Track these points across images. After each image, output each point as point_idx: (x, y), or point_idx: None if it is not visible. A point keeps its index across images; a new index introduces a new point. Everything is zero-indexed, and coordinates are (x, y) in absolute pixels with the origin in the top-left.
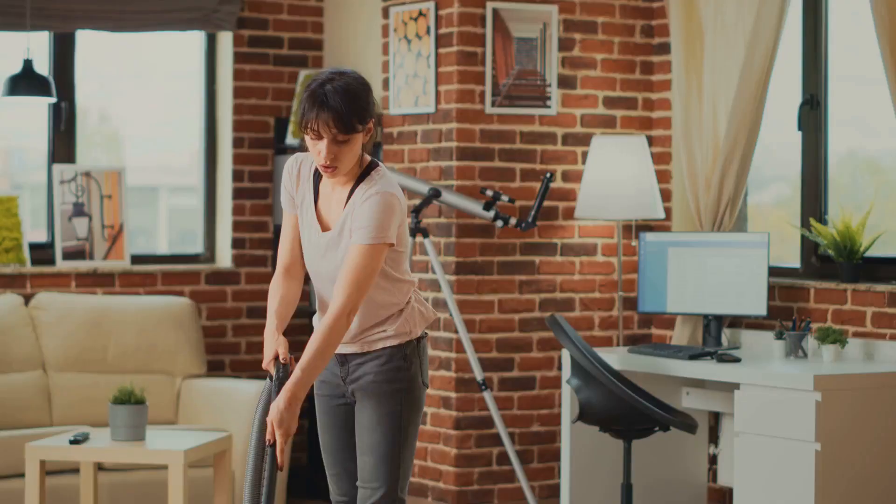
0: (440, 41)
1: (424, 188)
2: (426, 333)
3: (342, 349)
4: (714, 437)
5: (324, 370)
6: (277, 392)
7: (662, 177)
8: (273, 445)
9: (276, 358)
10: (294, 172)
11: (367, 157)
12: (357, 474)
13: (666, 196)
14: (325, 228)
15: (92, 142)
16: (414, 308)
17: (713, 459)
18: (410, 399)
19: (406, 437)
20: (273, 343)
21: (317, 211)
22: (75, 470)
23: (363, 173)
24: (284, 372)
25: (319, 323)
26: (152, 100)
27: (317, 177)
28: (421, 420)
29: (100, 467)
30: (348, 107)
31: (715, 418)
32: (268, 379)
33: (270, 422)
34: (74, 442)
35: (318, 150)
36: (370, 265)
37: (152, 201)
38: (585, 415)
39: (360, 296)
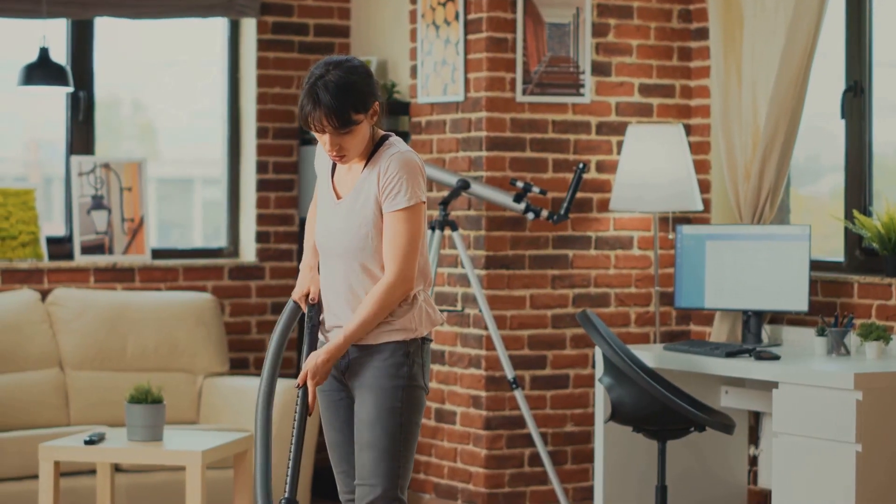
0: (469, 27)
1: (453, 179)
2: (431, 338)
3: None
4: (754, 438)
5: None
6: (309, 332)
7: (701, 167)
8: (305, 388)
9: (307, 296)
10: (321, 150)
11: (380, 132)
12: None
13: (705, 187)
14: (339, 198)
15: (125, 133)
16: (422, 307)
17: (753, 461)
18: (410, 397)
19: (406, 436)
20: (307, 278)
21: (333, 184)
22: (92, 471)
23: (376, 146)
24: (315, 312)
25: (369, 293)
26: (184, 89)
27: None
28: (421, 424)
29: (117, 468)
30: (342, 102)
31: (755, 418)
32: (290, 301)
33: (305, 370)
34: (89, 442)
35: (323, 142)
36: (412, 228)
37: (187, 194)
38: (618, 414)
39: (409, 263)
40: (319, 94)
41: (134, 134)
